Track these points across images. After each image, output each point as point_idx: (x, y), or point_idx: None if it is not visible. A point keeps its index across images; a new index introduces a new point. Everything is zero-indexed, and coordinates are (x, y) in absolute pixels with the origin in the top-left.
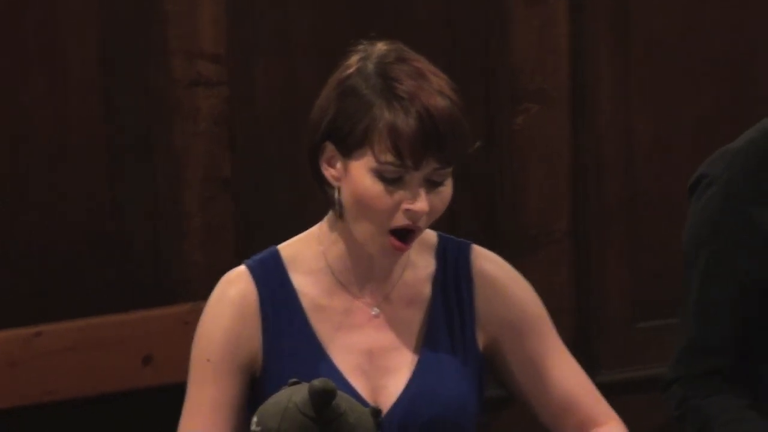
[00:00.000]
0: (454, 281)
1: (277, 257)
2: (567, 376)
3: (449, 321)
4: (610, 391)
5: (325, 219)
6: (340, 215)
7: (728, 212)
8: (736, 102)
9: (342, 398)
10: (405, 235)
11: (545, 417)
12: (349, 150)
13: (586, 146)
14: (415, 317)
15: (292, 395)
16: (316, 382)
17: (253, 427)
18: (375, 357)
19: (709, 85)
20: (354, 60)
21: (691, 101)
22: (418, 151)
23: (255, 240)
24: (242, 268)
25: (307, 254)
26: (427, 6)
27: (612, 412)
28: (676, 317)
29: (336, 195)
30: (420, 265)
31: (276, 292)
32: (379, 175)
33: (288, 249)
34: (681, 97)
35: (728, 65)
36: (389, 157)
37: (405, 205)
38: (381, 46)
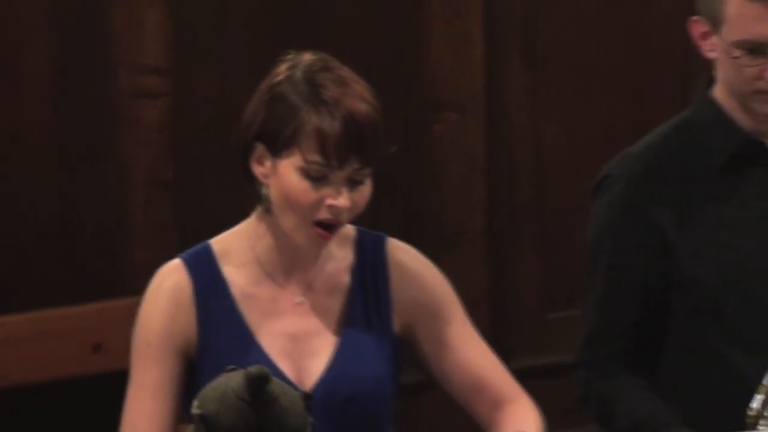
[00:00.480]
0: (371, 271)
1: (209, 251)
2: (477, 357)
3: (367, 307)
4: (522, 377)
5: (254, 214)
6: (268, 210)
7: (629, 211)
8: (634, 109)
9: (275, 383)
10: (328, 227)
11: (459, 396)
12: (278, 150)
13: (499, 152)
14: (336, 304)
15: (230, 381)
16: (252, 369)
17: (194, 409)
18: (299, 341)
19: (609, 94)
20: (283, 68)
21: (594, 109)
22: (342, 152)
23: (194, 237)
24: (177, 261)
25: (236, 247)
26: (352, 22)
27: (521, 390)
28: (582, 307)
29: (264, 191)
30: (339, 256)
31: (208, 283)
32: (306, 173)
33: (219, 243)
34: (585, 105)
35: (627, 75)
36: (316, 157)
37: (328, 201)
38: (308, 56)
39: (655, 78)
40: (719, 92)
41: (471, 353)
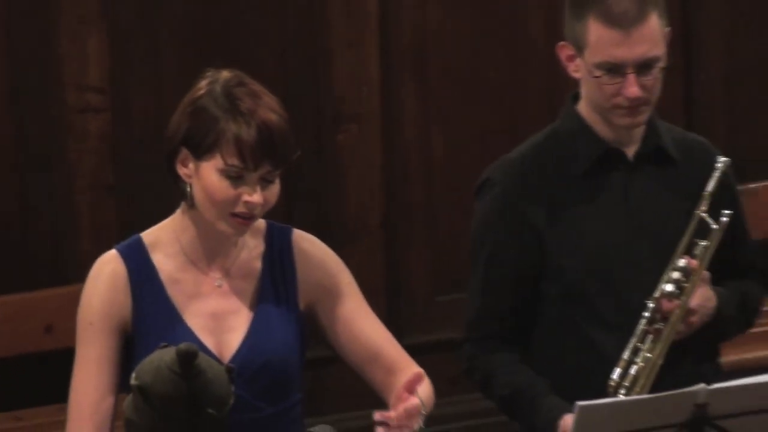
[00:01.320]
0: (279, 257)
1: (140, 242)
2: (372, 330)
3: (276, 288)
4: (414, 351)
5: (179, 210)
6: (191, 205)
7: (506, 209)
8: (509, 120)
9: (202, 358)
10: (245, 218)
11: (356, 365)
12: (200, 154)
13: (394, 158)
14: (249, 286)
15: (163, 356)
16: (182, 346)
17: (132, 381)
18: (219, 318)
19: (488, 108)
20: (204, 84)
21: (475, 121)
22: (256, 156)
23: (133, 233)
24: (113, 252)
25: (164, 239)
26: (269, 46)
27: (412, 360)
28: (466, 292)
29: (188, 189)
30: (252, 246)
31: (140, 270)
32: (225, 174)
33: (149, 236)
34: (467, 117)
35: (503, 91)
36: (234, 161)
37: (244, 198)
38: (225, 73)
39: (528, 94)
40: (583, 107)
41: (366, 327)
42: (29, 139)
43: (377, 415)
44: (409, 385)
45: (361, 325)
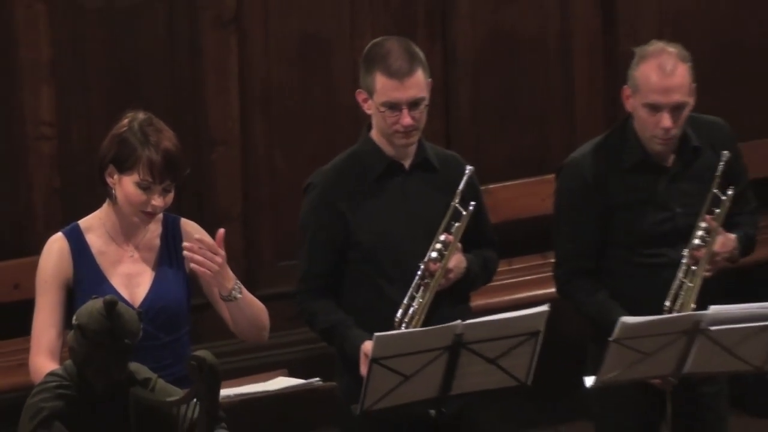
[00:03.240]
0: (172, 236)
1: (78, 227)
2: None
3: (170, 257)
4: (265, 299)
5: (105, 204)
6: (114, 203)
7: (322, 203)
8: (325, 142)
9: (120, 305)
10: (151, 214)
11: (223, 312)
12: (122, 170)
13: (249, 170)
14: (152, 256)
15: (95, 304)
16: (107, 297)
17: (74, 321)
18: (132, 278)
19: (314, 135)
20: (126, 122)
21: (306, 143)
22: (161, 174)
23: (73, 221)
24: (60, 234)
25: (94, 224)
26: (164, 90)
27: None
28: (298, 259)
29: (113, 192)
30: (153, 229)
31: (78, 245)
32: (139, 185)
33: (84, 222)
34: (301, 141)
35: (322, 121)
36: (147, 177)
37: (152, 202)
38: (141, 115)
39: (336, 125)
40: (374, 133)
41: (245, 292)
42: (2, 158)
43: (185, 246)
44: (218, 239)
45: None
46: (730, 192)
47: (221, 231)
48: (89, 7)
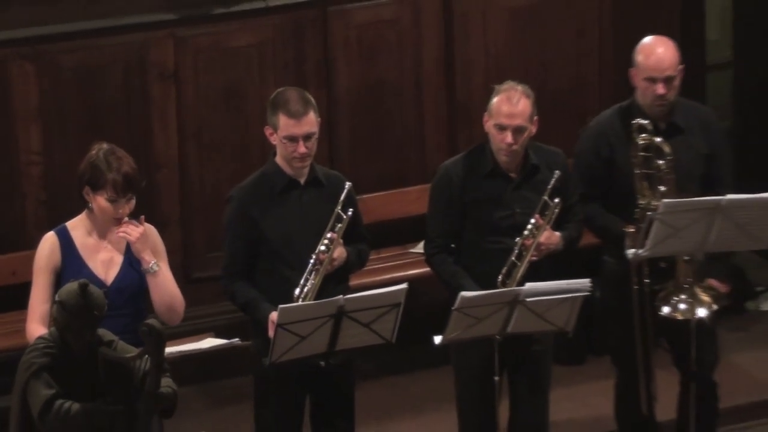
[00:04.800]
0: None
1: (65, 227)
2: (168, 272)
3: (129, 250)
4: (198, 282)
5: (85, 211)
6: (91, 211)
7: (239, 211)
8: (243, 168)
9: (92, 287)
10: (119, 220)
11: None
12: (95, 189)
13: (185, 186)
14: (121, 248)
15: (72, 285)
16: (81, 280)
17: (56, 298)
18: (105, 264)
19: (232, 163)
20: (94, 152)
21: (229, 163)
22: (125, 190)
23: (58, 224)
24: (51, 232)
25: (78, 225)
26: (123, 126)
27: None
28: (222, 251)
29: (90, 204)
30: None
31: (65, 241)
32: (108, 200)
33: (70, 224)
34: (224, 162)
35: (238, 153)
36: (113, 195)
37: (119, 213)
38: (105, 145)
39: (249, 152)
40: (278, 158)
41: (166, 271)
42: (3, 178)
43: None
44: (140, 220)
45: (165, 270)
46: (557, 200)
47: (142, 216)
48: (66, 66)
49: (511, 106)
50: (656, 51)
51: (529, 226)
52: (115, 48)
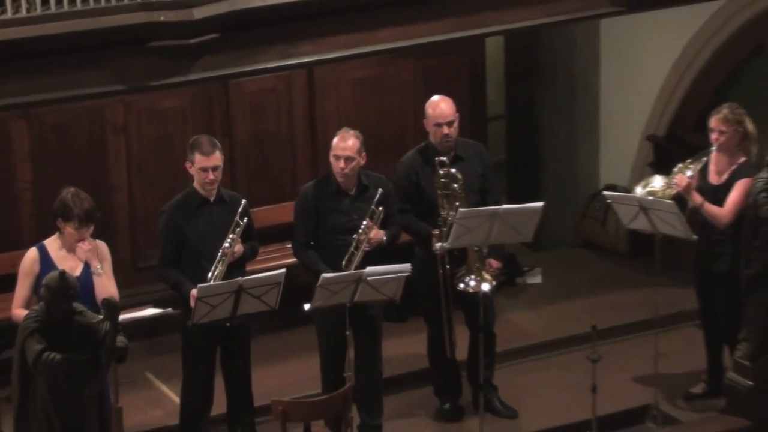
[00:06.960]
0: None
1: (44, 244)
2: (109, 279)
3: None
4: (141, 273)
5: (57, 233)
6: (62, 233)
7: (170, 222)
8: (174, 186)
9: (68, 274)
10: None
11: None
12: (65, 220)
13: (133, 206)
14: (83, 258)
15: (54, 272)
16: (60, 270)
17: (43, 282)
18: (72, 269)
19: (165, 186)
20: (64, 193)
21: (163, 187)
22: (86, 222)
23: (41, 239)
24: (33, 248)
25: (53, 242)
26: (86, 169)
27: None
28: (159, 248)
29: (61, 229)
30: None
31: (43, 254)
32: (74, 228)
33: (47, 242)
34: (159, 187)
35: (168, 178)
36: (78, 225)
37: (81, 237)
38: (71, 189)
39: (176, 180)
40: (195, 183)
41: (108, 277)
42: (3, 199)
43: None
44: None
45: (108, 272)
46: (381, 209)
47: (89, 240)
48: (48, 122)
49: (344, 142)
50: (440, 105)
51: (362, 227)
52: (82, 110)
